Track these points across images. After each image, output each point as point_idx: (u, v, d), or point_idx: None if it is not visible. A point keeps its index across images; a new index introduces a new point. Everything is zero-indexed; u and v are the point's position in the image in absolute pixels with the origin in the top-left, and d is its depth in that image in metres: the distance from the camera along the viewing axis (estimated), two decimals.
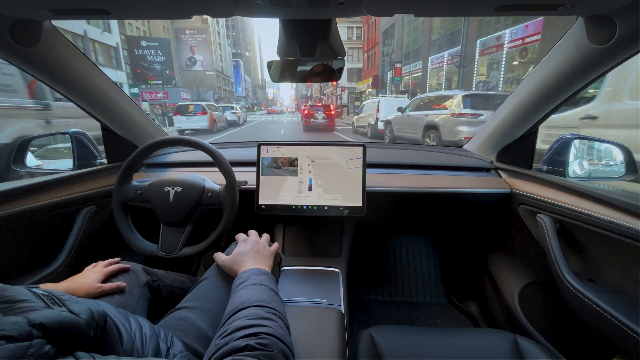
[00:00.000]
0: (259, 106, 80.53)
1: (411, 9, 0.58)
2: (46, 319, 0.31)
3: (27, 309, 0.33)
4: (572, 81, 0.78)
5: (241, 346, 0.40)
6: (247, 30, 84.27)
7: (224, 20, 18.15)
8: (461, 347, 0.72)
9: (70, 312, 0.35)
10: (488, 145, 1.17)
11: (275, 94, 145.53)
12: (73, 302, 0.39)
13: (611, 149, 1.14)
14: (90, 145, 1.16)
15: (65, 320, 0.33)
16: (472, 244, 1.35)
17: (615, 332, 0.61)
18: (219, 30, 45.28)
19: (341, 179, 0.92)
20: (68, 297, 0.40)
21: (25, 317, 0.30)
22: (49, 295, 0.39)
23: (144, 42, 24.29)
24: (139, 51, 23.69)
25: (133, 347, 0.47)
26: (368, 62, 29.29)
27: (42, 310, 0.33)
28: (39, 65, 0.76)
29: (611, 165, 1.13)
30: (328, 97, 38.54)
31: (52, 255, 0.88)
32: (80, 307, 0.37)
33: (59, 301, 0.39)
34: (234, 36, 67.23)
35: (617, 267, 0.72)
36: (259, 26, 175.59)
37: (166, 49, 25.06)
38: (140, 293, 0.72)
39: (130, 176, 0.88)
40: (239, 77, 58.78)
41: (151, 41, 24.89)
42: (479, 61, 12.37)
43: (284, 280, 0.85)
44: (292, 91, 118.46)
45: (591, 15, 0.62)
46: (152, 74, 24.00)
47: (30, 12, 0.62)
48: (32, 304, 0.34)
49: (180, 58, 34.37)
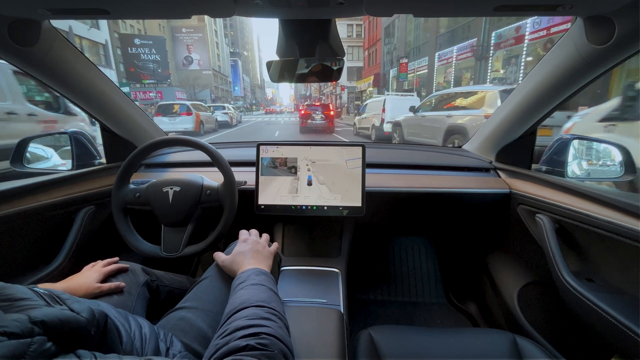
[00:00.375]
0: (257, 106, 79.39)
1: (410, 9, 0.58)
2: (47, 317, 0.31)
3: (28, 306, 0.33)
4: (571, 81, 0.78)
5: (241, 346, 0.40)
6: (245, 29, 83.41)
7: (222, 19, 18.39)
8: (460, 347, 0.72)
9: (71, 311, 0.35)
10: (487, 145, 1.17)
11: (274, 94, 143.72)
12: (73, 301, 0.39)
13: (610, 149, 1.14)
14: (90, 145, 1.16)
15: (66, 318, 0.33)
16: (471, 244, 1.35)
17: (614, 331, 0.61)
18: (216, 29, 44.69)
19: (340, 179, 0.92)
20: (68, 296, 0.40)
21: (27, 315, 0.30)
22: (49, 293, 0.39)
23: (137, 40, 23.64)
24: (133, 49, 23.08)
25: (133, 347, 0.47)
26: (369, 60, 28.14)
27: (43, 308, 0.33)
28: (37, 65, 0.76)
29: (610, 166, 1.14)
30: (327, 96, 37.74)
31: (51, 255, 0.88)
32: (80, 305, 0.37)
33: (60, 300, 0.39)
34: (232, 35, 66.66)
35: (616, 267, 0.72)
36: (258, 26, 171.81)
37: (161, 48, 24.45)
38: (139, 293, 0.71)
39: (128, 179, 0.88)
40: (237, 77, 58.20)
41: (145, 39, 24.19)
42: (494, 56, 11.06)
43: (283, 281, 0.85)
44: (291, 91, 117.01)
45: (590, 15, 0.62)
46: (146, 73, 23.41)
47: (29, 12, 0.62)
48: (33, 302, 0.34)
49: (176, 57, 33.87)
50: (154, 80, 23.57)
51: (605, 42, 0.62)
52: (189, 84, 30.72)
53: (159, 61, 24.28)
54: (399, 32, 20.25)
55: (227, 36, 57.72)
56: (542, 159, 1.08)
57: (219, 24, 45.39)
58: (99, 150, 1.19)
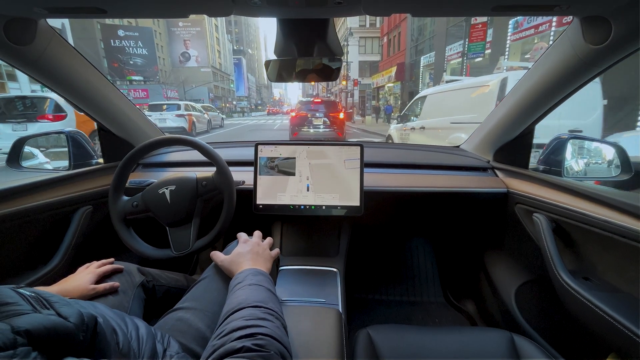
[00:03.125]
0: (264, 106, 74.68)
1: (409, 9, 0.58)
2: (32, 325, 0.30)
3: (13, 313, 0.32)
4: (568, 81, 0.78)
5: (237, 348, 0.40)
6: (251, 27, 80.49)
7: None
8: (458, 346, 0.72)
9: (58, 316, 0.34)
10: (485, 145, 1.18)
11: (282, 94, 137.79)
12: (62, 304, 0.38)
13: (606, 149, 1.15)
14: (87, 145, 1.15)
15: (52, 324, 0.32)
16: (469, 243, 1.36)
17: (611, 330, 0.62)
18: (216, 23, 42.48)
19: (339, 179, 0.92)
20: (57, 299, 0.39)
21: (9, 324, 0.29)
22: (36, 296, 0.38)
23: (121, 32, 20.87)
24: (116, 42, 20.38)
25: (130, 348, 0.46)
26: (389, 47, 22.08)
27: (27, 315, 0.32)
28: (34, 64, 0.75)
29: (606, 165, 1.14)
30: (336, 95, 31.55)
31: (48, 255, 0.87)
32: (69, 309, 0.37)
33: (47, 303, 0.37)
34: (236, 32, 64.49)
35: (612, 266, 0.72)
36: (265, 24, 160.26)
37: (148, 40, 21.66)
38: (135, 294, 0.71)
39: (122, 187, 0.85)
40: (241, 76, 55.90)
41: (130, 31, 21.31)
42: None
43: (281, 280, 0.85)
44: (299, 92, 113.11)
45: (587, 15, 0.62)
46: (131, 69, 20.89)
47: (25, 11, 0.61)
48: (18, 307, 0.33)
49: (172, 53, 31.41)
50: (141, 77, 21.28)
51: (602, 42, 0.63)
52: (187, 82, 28.65)
53: (146, 55, 21.70)
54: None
55: (231, 33, 55.56)
56: (539, 158, 1.08)
57: (220, 18, 44.12)
58: (96, 150, 1.18)
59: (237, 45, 61.84)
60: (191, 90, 29.05)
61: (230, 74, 52.11)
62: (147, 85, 21.82)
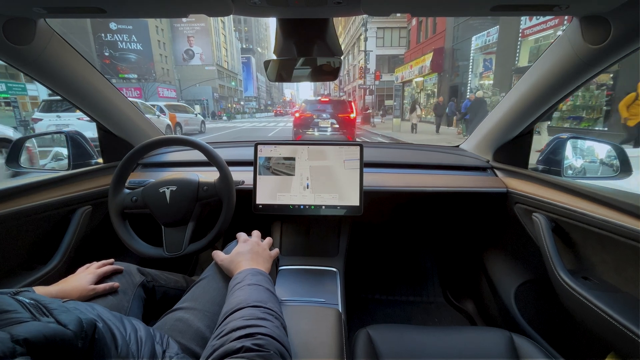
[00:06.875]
0: (273, 107, 69.83)
1: (408, 8, 0.58)
2: (31, 334, 0.30)
3: (12, 321, 0.32)
4: (567, 81, 0.78)
5: (236, 348, 0.40)
6: (261, 25, 77.55)
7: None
8: (458, 346, 0.72)
9: (57, 323, 0.34)
10: (484, 145, 1.18)
11: (294, 95, 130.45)
12: (61, 312, 0.38)
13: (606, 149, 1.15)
14: (86, 145, 1.15)
15: (51, 333, 0.32)
16: (469, 242, 1.36)
17: (610, 329, 0.62)
18: (223, 20, 40.17)
19: (338, 179, 0.92)
20: (57, 306, 0.39)
21: (8, 333, 0.29)
22: (35, 304, 0.37)
23: (113, 25, 19.02)
24: (108, 36, 18.66)
25: (128, 351, 0.46)
26: (418, 32, 17.12)
27: (27, 324, 0.32)
28: (32, 64, 0.75)
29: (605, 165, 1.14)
30: (349, 94, 27.34)
31: (47, 255, 0.87)
32: (68, 316, 0.36)
33: (47, 310, 0.37)
34: (246, 31, 62.22)
35: (612, 265, 0.72)
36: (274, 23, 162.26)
37: (143, 34, 19.66)
38: (134, 294, 0.71)
39: (123, 183, 0.86)
40: (249, 75, 53.05)
41: (123, 23, 19.23)
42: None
43: (281, 280, 0.85)
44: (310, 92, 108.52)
45: (586, 15, 0.62)
46: (124, 66, 19.05)
47: (24, 11, 0.61)
48: (17, 314, 0.33)
49: (175, 51, 29.54)
50: (135, 75, 19.25)
51: (601, 41, 0.63)
52: (191, 81, 27.06)
53: (141, 51, 19.70)
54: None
55: (240, 31, 52.81)
56: (538, 158, 1.08)
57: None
58: (95, 150, 1.18)
59: (246, 43, 59.23)
60: (191, 89, 27.45)
61: (238, 74, 49.37)
62: (142, 83, 19.89)
